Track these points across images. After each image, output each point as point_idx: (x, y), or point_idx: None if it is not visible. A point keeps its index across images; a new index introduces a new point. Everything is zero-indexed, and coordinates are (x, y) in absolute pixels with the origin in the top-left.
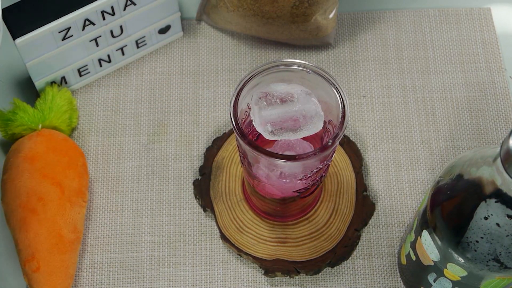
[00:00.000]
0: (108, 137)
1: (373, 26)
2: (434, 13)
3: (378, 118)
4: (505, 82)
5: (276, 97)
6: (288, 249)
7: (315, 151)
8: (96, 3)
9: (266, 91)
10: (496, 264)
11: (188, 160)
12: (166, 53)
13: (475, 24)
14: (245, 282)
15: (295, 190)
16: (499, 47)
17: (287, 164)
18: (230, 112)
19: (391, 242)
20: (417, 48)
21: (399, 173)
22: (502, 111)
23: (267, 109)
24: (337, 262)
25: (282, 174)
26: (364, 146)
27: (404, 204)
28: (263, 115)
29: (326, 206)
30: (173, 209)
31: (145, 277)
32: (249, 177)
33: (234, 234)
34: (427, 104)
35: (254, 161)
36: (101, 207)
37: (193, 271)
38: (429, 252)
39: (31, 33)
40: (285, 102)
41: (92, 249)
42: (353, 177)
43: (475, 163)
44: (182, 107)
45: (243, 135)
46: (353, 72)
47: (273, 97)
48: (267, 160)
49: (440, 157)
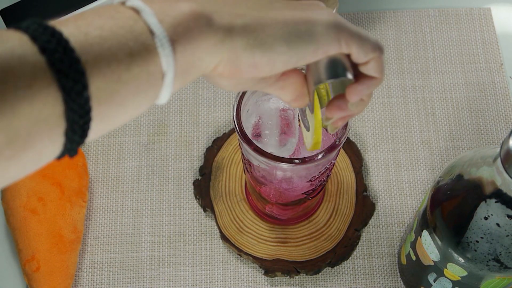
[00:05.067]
0: (108, 137)
1: (373, 26)
2: (434, 13)
3: (378, 118)
4: (505, 82)
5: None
6: (288, 249)
7: (323, 152)
8: (96, 3)
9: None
10: (496, 264)
11: (188, 160)
12: None
13: (475, 24)
14: (245, 282)
15: (303, 192)
16: (499, 47)
17: (297, 167)
18: (234, 123)
19: (391, 242)
20: (417, 48)
21: (399, 173)
22: (502, 111)
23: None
24: (337, 262)
25: (291, 177)
26: (364, 146)
27: (404, 204)
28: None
29: (326, 206)
30: (173, 209)
31: (145, 277)
32: (255, 183)
33: (234, 234)
34: (427, 104)
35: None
36: (101, 207)
37: (193, 271)
38: (429, 252)
39: None
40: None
41: (92, 249)
42: (353, 177)
43: (475, 163)
44: (182, 107)
45: (248, 142)
46: None
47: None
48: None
49: (440, 157)
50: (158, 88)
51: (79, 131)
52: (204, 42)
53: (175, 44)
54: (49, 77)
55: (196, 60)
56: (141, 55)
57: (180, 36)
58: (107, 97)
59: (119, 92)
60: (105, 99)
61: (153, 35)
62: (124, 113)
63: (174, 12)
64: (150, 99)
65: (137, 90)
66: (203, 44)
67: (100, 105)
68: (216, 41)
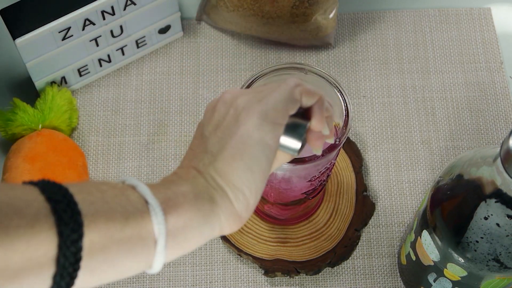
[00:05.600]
0: (108, 137)
1: (373, 26)
2: (434, 13)
3: (378, 118)
4: (505, 82)
5: None
6: (288, 249)
7: (323, 152)
8: (96, 3)
9: None
10: (496, 264)
11: None
12: (166, 53)
13: (475, 24)
14: (245, 282)
15: (303, 192)
16: (499, 47)
17: (297, 167)
18: None
19: (391, 242)
20: (417, 48)
21: (399, 173)
22: (502, 111)
23: None
24: (337, 262)
25: (291, 177)
26: (364, 146)
27: (404, 204)
28: None
29: (326, 206)
30: None
31: (145, 277)
32: None
33: (234, 234)
34: (427, 104)
35: None
36: None
37: (193, 271)
38: (429, 252)
39: (31, 33)
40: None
41: None
42: (353, 177)
43: (475, 163)
44: (182, 107)
45: None
46: (353, 72)
47: None
48: None
49: (440, 157)
50: (151, 254)
51: (67, 277)
52: (195, 214)
53: (167, 214)
54: (50, 223)
55: (194, 235)
56: (136, 219)
57: (171, 208)
58: (99, 251)
59: (110, 249)
60: (97, 253)
61: (147, 204)
62: (114, 271)
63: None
64: (141, 263)
65: (128, 251)
66: (194, 216)
67: (91, 257)
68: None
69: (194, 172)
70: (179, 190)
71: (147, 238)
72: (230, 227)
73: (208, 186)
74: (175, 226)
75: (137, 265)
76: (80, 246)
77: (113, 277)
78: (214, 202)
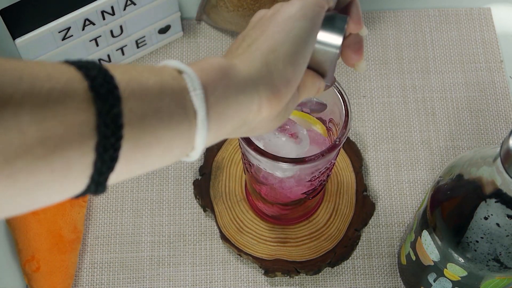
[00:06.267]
0: None
1: (373, 26)
2: (434, 13)
3: (378, 118)
4: (505, 82)
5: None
6: (288, 249)
7: (323, 152)
8: (96, 3)
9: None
10: (496, 264)
11: None
12: (166, 53)
13: (475, 24)
14: (245, 282)
15: (303, 192)
16: (499, 47)
17: (297, 167)
18: None
19: (391, 242)
20: (417, 48)
21: (399, 173)
22: (502, 111)
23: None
24: (337, 262)
25: (292, 177)
26: (364, 146)
27: (404, 204)
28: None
29: (326, 206)
30: (173, 209)
31: (145, 277)
32: (255, 183)
33: (234, 234)
34: (427, 104)
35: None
36: (101, 207)
37: (193, 271)
38: (429, 252)
39: (31, 33)
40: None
41: (92, 249)
42: (353, 177)
43: (475, 163)
44: None
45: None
46: (353, 72)
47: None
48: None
49: (440, 157)
50: (192, 126)
51: (110, 149)
52: (236, 85)
53: (207, 87)
54: (84, 87)
55: (232, 103)
56: (172, 87)
57: (206, 76)
58: (139, 120)
59: (150, 118)
60: (137, 122)
61: (182, 74)
62: (157, 148)
63: (205, 65)
64: (183, 138)
65: (169, 121)
66: (237, 87)
67: (132, 127)
68: (246, 81)
69: (229, 56)
70: (214, 61)
71: (186, 106)
72: (270, 102)
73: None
74: (212, 93)
75: (178, 141)
76: (119, 111)
77: (156, 157)
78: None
